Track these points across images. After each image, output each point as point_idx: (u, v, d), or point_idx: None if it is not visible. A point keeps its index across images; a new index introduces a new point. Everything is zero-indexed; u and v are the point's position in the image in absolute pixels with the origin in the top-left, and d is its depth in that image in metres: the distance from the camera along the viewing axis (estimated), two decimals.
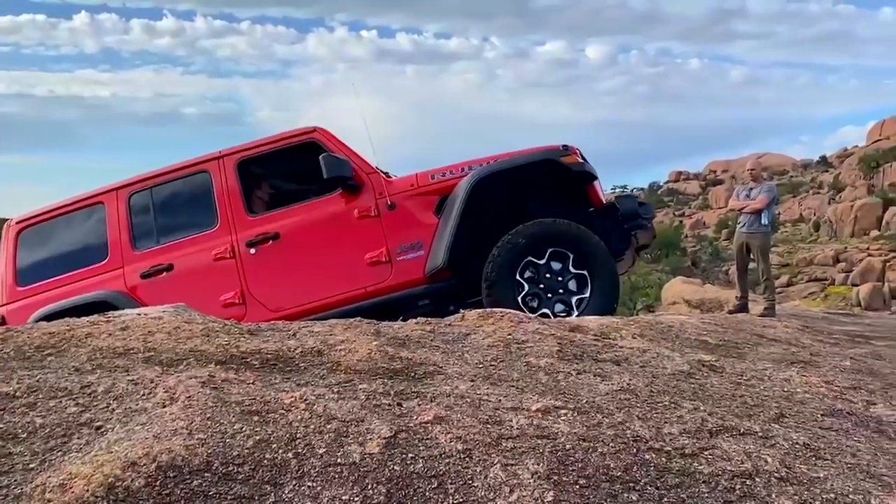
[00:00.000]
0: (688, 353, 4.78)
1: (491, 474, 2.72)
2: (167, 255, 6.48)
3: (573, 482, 2.71)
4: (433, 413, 3.12)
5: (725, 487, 2.81)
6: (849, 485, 2.97)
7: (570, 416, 3.25)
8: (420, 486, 2.66)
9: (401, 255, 6.35)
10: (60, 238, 6.86)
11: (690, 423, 3.35)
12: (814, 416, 3.88)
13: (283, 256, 6.41)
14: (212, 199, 6.55)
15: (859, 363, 5.52)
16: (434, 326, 4.53)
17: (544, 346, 4.24)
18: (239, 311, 6.25)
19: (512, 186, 6.39)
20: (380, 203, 6.43)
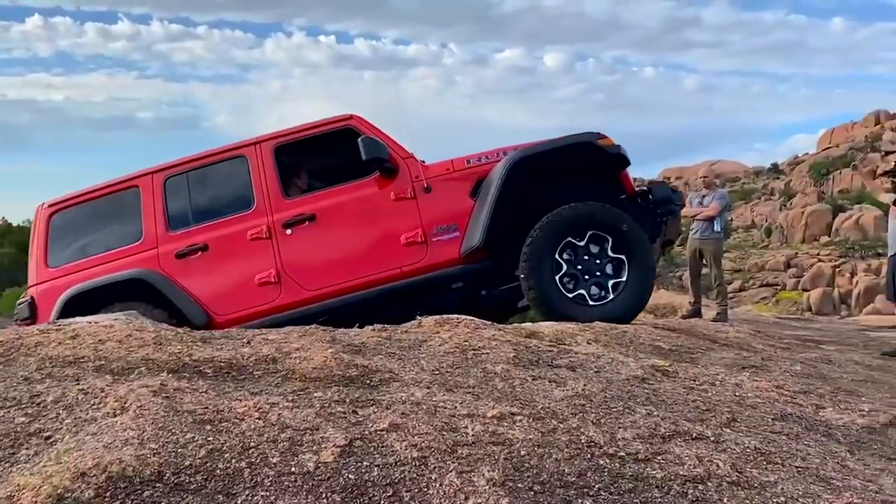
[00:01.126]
0: (642, 358, 4.81)
1: (446, 481, 2.71)
2: (202, 235, 6.49)
3: (528, 488, 2.71)
4: (389, 420, 3.10)
5: (678, 492, 2.82)
6: (798, 488, 3.00)
7: (525, 422, 3.25)
8: (375, 495, 2.64)
9: (436, 235, 6.38)
10: (93, 221, 6.85)
11: (644, 428, 3.36)
12: (765, 420, 3.92)
13: (319, 237, 6.45)
14: (248, 182, 6.57)
15: (809, 367, 5.60)
16: (390, 333, 4.52)
17: (500, 352, 4.24)
18: (274, 289, 6.32)
19: (547, 170, 6.43)
20: (416, 185, 6.47)
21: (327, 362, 3.70)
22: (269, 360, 3.75)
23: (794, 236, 67.69)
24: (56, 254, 6.65)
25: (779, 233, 70.89)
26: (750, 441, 3.46)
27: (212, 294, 6.36)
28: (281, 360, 3.76)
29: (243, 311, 6.28)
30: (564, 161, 6.48)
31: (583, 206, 6.16)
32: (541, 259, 5.98)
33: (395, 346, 4.24)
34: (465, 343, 4.33)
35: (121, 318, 4.51)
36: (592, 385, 3.92)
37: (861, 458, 3.66)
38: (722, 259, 11.76)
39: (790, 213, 71.37)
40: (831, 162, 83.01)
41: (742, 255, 67.05)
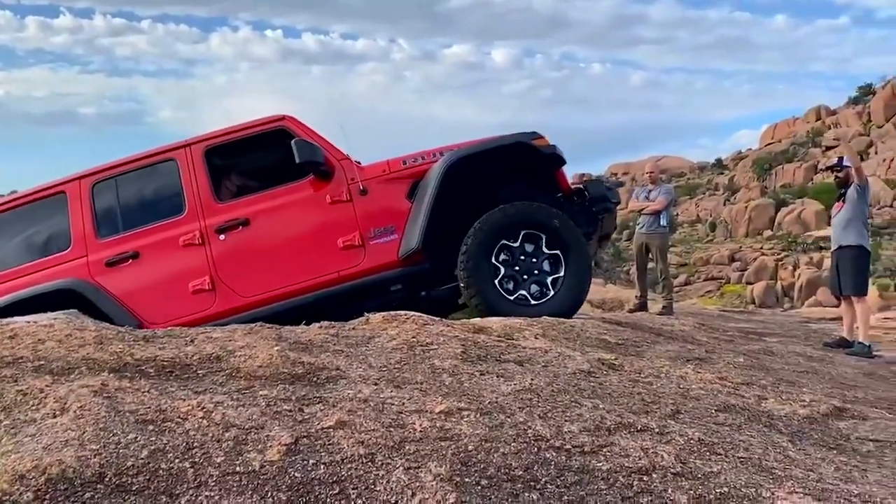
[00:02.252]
0: (588, 352, 4.84)
1: (393, 478, 2.70)
2: (133, 242, 6.32)
3: (475, 483, 2.71)
4: (336, 418, 3.08)
5: (623, 484, 2.84)
6: (741, 478, 3.04)
7: (472, 417, 3.24)
8: (321, 493, 2.62)
9: (374, 238, 6.32)
10: (16, 229, 6.65)
11: (590, 421, 3.38)
12: (708, 411, 3.97)
13: (253, 242, 6.34)
14: (179, 186, 6.43)
15: (752, 359, 5.68)
16: (338, 330, 4.48)
17: (448, 348, 4.23)
18: (209, 297, 6.21)
19: (483, 170, 6.44)
20: (352, 188, 6.39)
21: (273, 360, 3.66)
22: (213, 359, 3.69)
23: (738, 231, 68.76)
24: None
25: (723, 227, 71.93)
26: (694, 432, 3.50)
27: (145, 303, 6.20)
28: (225, 358, 3.71)
29: (178, 320, 6.00)
30: (500, 161, 6.51)
31: (511, 207, 6.20)
32: (477, 264, 6.01)
33: (343, 343, 4.21)
34: (412, 339, 4.31)
35: (61, 317, 4.42)
36: (540, 379, 3.94)
37: (802, 448, 3.72)
38: (668, 253, 11.89)
39: (734, 208, 72.49)
40: (773, 157, 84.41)
41: (687, 250, 67.93)
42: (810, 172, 74.15)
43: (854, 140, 76.76)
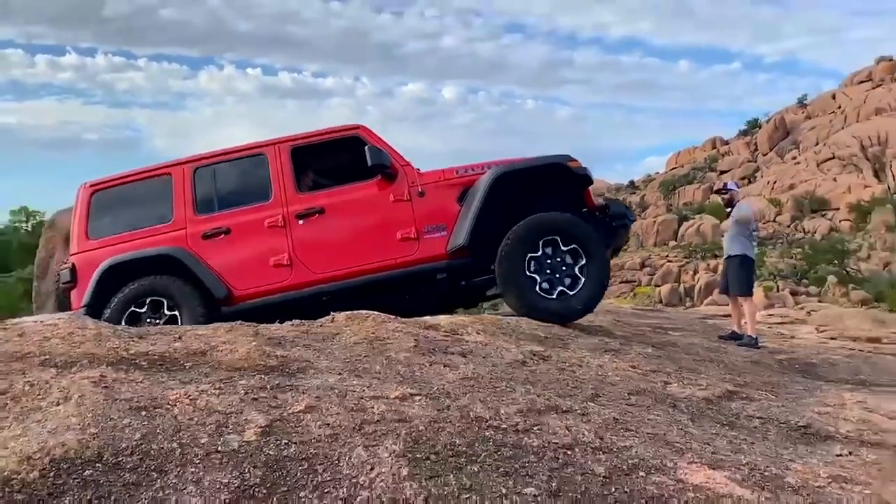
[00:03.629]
0: (522, 344, 4.85)
1: (354, 455, 2.69)
2: (226, 220, 6.36)
3: (425, 458, 2.71)
4: (305, 403, 3.06)
5: (551, 457, 2.86)
6: (650, 451, 3.08)
7: (423, 401, 3.25)
8: (292, 468, 2.60)
9: (427, 234, 6.38)
10: (128, 201, 6.61)
11: (523, 404, 3.40)
12: (622, 394, 4.01)
13: (326, 228, 6.39)
14: (268, 177, 6.49)
15: (659, 350, 5.74)
16: (307, 327, 4.44)
17: (402, 342, 4.22)
18: (286, 271, 6.26)
19: (524, 184, 6.48)
20: (412, 190, 6.46)
21: (251, 354, 3.62)
22: (198, 353, 3.64)
23: (648, 241, 69.62)
24: (95, 227, 6.42)
25: (635, 238, 72.80)
26: (610, 413, 3.53)
27: (232, 271, 6.23)
28: (209, 352, 3.67)
29: (259, 288, 6.20)
30: (539, 177, 6.56)
31: (549, 215, 6.24)
32: (514, 259, 6.07)
33: (312, 338, 4.18)
34: (372, 335, 4.29)
35: (64, 317, 4.33)
36: (480, 368, 3.95)
37: (700, 425, 3.78)
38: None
39: (644, 222, 73.38)
40: (677, 179, 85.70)
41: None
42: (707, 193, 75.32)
43: (743, 166, 78.19)
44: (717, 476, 2.94)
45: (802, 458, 3.50)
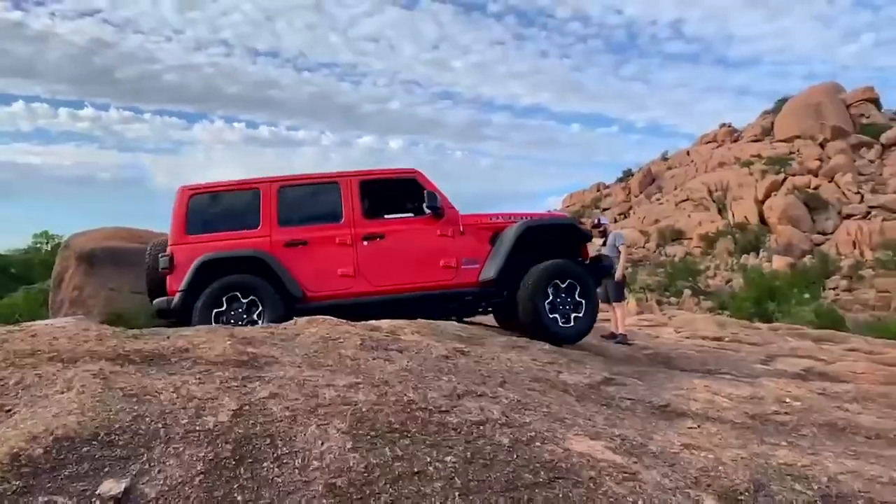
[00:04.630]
0: (447, 342, 4.82)
1: (309, 432, 2.63)
2: (304, 233, 6.21)
3: (366, 435, 2.67)
4: (269, 391, 2.98)
5: (467, 432, 2.85)
6: (544, 426, 3.10)
7: (366, 388, 3.20)
8: (258, 443, 2.53)
9: (464, 265, 6.41)
10: (221, 206, 6.38)
11: (446, 390, 3.38)
12: (525, 382, 4.02)
13: (385, 250, 6.31)
14: (339, 203, 6.38)
15: (554, 347, 5.77)
16: (273, 330, 4.33)
17: (351, 341, 4.16)
18: (351, 281, 6.17)
19: (542, 235, 6.60)
20: (455, 229, 6.49)
21: (226, 351, 3.51)
22: (182, 350, 3.52)
23: None
24: (192, 225, 6.14)
25: None
26: (515, 396, 3.54)
27: (307, 276, 6.08)
28: (192, 349, 3.54)
29: (328, 292, 6.07)
30: (555, 232, 6.73)
31: (564, 263, 6.41)
32: (536, 293, 6.16)
33: (277, 338, 4.07)
34: (327, 335, 4.21)
35: (71, 321, 4.14)
36: (413, 362, 3.92)
37: (584, 405, 3.82)
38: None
39: None
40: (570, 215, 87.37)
41: None
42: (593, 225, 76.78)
43: (621, 205, 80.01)
44: (596, 445, 2.97)
45: (662, 431, 3.56)
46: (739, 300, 31.44)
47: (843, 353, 9.78)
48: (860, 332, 19.80)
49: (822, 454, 3.49)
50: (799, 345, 10.51)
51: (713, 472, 2.90)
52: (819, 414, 4.51)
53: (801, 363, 8.01)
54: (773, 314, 23.69)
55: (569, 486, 2.53)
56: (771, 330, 13.73)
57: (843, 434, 4.18)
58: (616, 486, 2.59)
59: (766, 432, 3.90)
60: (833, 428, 4.26)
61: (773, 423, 4.16)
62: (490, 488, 2.45)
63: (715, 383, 5.14)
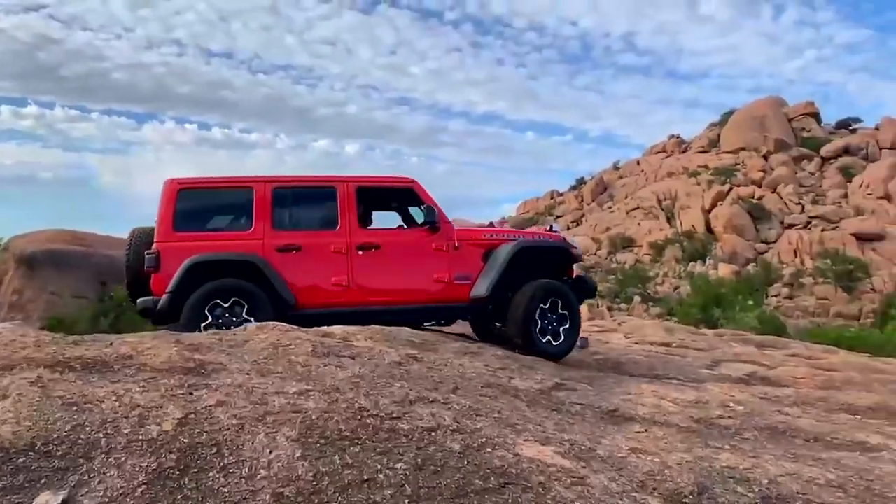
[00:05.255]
0: (401, 349, 4.80)
1: (257, 440, 2.58)
2: (298, 238, 5.98)
3: (315, 442, 2.63)
4: (216, 399, 2.91)
5: (418, 438, 2.84)
6: (495, 432, 3.11)
7: (317, 395, 3.15)
8: (203, 452, 2.47)
9: (456, 280, 6.35)
10: (212, 203, 6.17)
11: (398, 396, 3.36)
12: (477, 387, 4.03)
13: (380, 261, 6.18)
14: (336, 208, 6.17)
15: (507, 353, 5.81)
16: (222, 336, 4.23)
17: (302, 347, 4.09)
18: (344, 290, 6.04)
19: (535, 255, 6.65)
20: (449, 244, 6.41)
21: (172, 357, 3.42)
22: (126, 357, 3.41)
23: None
24: (181, 221, 5.81)
25: None
26: (466, 402, 3.54)
27: (299, 283, 5.88)
28: (136, 356, 3.43)
29: (320, 300, 5.95)
30: (547, 253, 6.78)
31: (553, 283, 6.47)
32: (527, 310, 6.22)
33: (226, 345, 3.98)
34: (277, 342, 4.14)
35: (8, 326, 3.97)
36: (365, 368, 3.89)
37: (535, 411, 3.85)
38: None
39: None
40: (524, 221, 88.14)
41: None
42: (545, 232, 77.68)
43: (573, 212, 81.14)
44: (545, 450, 3.00)
45: (610, 435, 3.62)
46: (687, 306, 32.21)
47: (784, 359, 10.11)
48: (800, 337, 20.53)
49: (763, 457, 3.59)
50: (743, 350, 10.81)
51: (659, 476, 2.96)
52: (761, 418, 4.64)
53: (744, 368, 8.24)
54: (719, 320, 24.35)
55: (518, 491, 2.55)
56: (716, 336, 14.11)
57: (784, 437, 4.31)
58: (565, 490, 2.62)
59: (710, 436, 3.99)
60: (774, 431, 4.40)
61: (718, 427, 4.27)
62: (440, 495, 2.45)
63: (662, 388, 5.24)
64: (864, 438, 4.49)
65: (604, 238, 65.11)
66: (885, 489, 3.26)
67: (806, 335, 22.50)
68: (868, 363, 10.93)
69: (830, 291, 48.20)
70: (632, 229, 66.91)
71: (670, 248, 57.99)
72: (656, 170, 79.49)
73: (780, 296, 48.75)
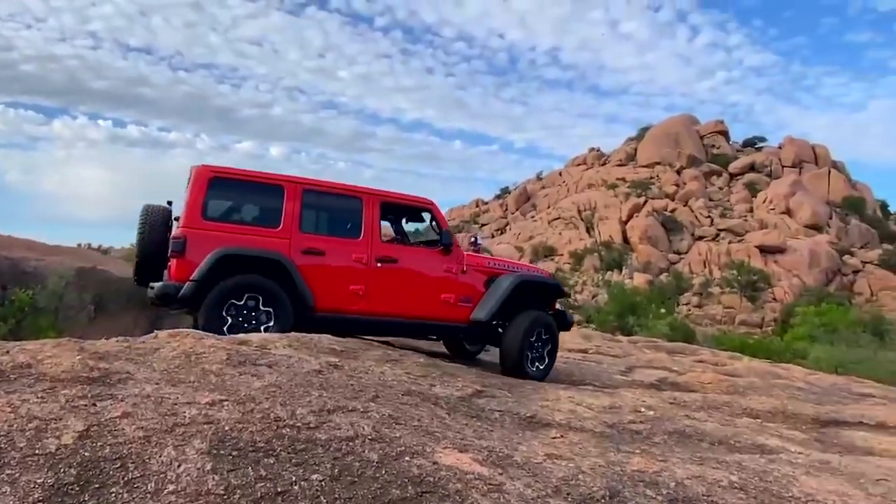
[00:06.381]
0: (321, 356, 4.71)
1: (164, 453, 2.46)
2: (321, 243, 6.09)
3: (228, 454, 2.53)
4: (122, 410, 2.76)
5: (335, 448, 2.78)
6: (415, 440, 3.09)
7: (230, 406, 3.05)
8: (106, 467, 2.34)
9: (460, 302, 6.66)
10: (243, 196, 6.10)
11: (316, 405, 3.29)
12: (397, 395, 4.00)
13: (395, 275, 6.38)
14: (360, 219, 6.31)
15: (430, 360, 5.80)
16: (130, 343, 4.04)
17: (217, 356, 3.95)
18: (360, 299, 6.17)
19: (530, 288, 7.00)
20: (458, 267, 6.73)
21: (74, 367, 3.22)
22: (24, 366, 3.19)
23: None
24: (211, 209, 5.78)
25: None
26: (386, 410, 3.51)
27: (319, 287, 5.94)
28: (35, 365, 3.22)
29: (336, 306, 6.03)
30: (540, 288, 7.18)
31: (543, 315, 6.93)
32: (520, 338, 6.61)
33: (134, 353, 3.79)
34: (190, 350, 3.98)
35: None
36: (283, 377, 3.79)
37: (455, 418, 3.85)
38: None
39: None
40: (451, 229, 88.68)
41: None
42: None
43: (498, 221, 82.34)
44: (463, 458, 3.00)
45: (527, 441, 3.67)
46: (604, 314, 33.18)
47: (692, 365, 10.56)
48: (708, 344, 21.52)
49: (671, 460, 3.73)
50: (655, 356, 11.23)
51: (573, 481, 3.02)
52: (670, 422, 4.82)
53: (656, 374, 8.56)
54: (633, 327, 25.22)
55: (435, 499, 2.54)
56: (631, 342, 14.60)
57: (691, 441, 4.50)
58: (481, 497, 2.63)
59: (622, 440, 4.11)
60: (682, 435, 4.58)
61: (629, 432, 4.40)
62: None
63: (578, 394, 5.37)
64: (763, 441, 4.73)
65: (527, 246, 66.28)
66: (781, 490, 3.45)
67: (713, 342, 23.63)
68: (769, 369, 11.57)
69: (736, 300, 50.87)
70: (553, 238, 68.43)
71: (589, 257, 59.71)
72: (577, 181, 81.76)
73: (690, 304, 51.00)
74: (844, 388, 9.97)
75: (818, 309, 32.09)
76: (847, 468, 4.22)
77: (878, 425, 6.18)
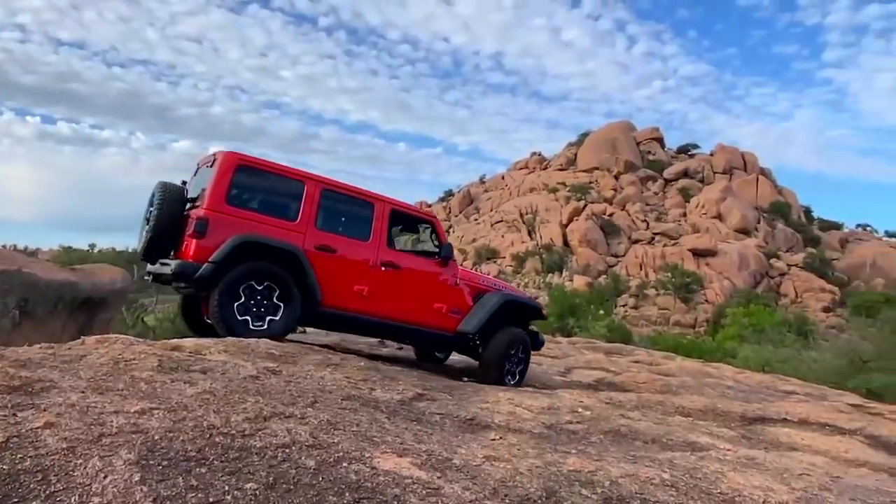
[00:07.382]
0: (258, 362, 4.63)
1: (90, 465, 2.36)
2: (333, 241, 6.30)
3: (157, 464, 2.45)
4: (44, 420, 2.64)
5: (271, 456, 2.72)
6: (353, 445, 3.06)
7: (161, 414, 2.95)
8: (26, 480, 2.22)
9: (450, 312, 6.93)
10: (265, 186, 6.22)
11: (252, 412, 3.22)
12: (336, 400, 3.96)
13: (396, 280, 6.60)
14: (371, 223, 6.57)
15: (370, 364, 5.75)
16: (55, 350, 3.85)
17: (147, 362, 3.82)
18: (363, 299, 6.37)
19: (514, 307, 7.37)
20: (453, 279, 7.03)
21: None
22: None
23: None
24: (234, 196, 5.90)
25: None
26: (324, 416, 3.46)
27: (328, 283, 6.14)
28: None
29: (340, 304, 6.22)
30: (523, 309, 7.54)
31: (521, 332, 7.29)
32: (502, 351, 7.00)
33: (58, 360, 3.62)
34: (119, 356, 3.83)
35: None
36: (217, 383, 3.70)
37: (394, 422, 3.83)
38: None
39: None
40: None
41: None
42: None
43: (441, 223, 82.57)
44: (402, 462, 2.98)
45: (467, 444, 3.68)
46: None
47: (629, 365, 10.83)
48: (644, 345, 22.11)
49: (606, 459, 3.80)
50: (593, 357, 11.46)
51: (510, 483, 3.04)
52: (606, 422, 4.92)
53: (594, 374, 8.74)
54: (573, 329, 25.67)
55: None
56: (570, 344, 14.86)
57: (625, 440, 4.60)
58: (419, 501, 2.62)
59: (559, 441, 4.17)
60: (617, 434, 4.68)
61: (566, 432, 4.47)
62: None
63: (517, 396, 5.42)
64: (694, 439, 4.88)
65: (470, 249, 66.69)
66: (710, 486, 3.56)
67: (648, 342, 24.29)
68: (701, 368, 11.98)
69: (670, 302, 52.46)
70: (496, 241, 69.04)
71: (531, 259, 60.54)
72: (519, 185, 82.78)
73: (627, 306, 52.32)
74: (770, 386, 10.41)
75: (747, 310, 33.42)
76: (772, 464, 4.40)
77: (801, 422, 6.46)
